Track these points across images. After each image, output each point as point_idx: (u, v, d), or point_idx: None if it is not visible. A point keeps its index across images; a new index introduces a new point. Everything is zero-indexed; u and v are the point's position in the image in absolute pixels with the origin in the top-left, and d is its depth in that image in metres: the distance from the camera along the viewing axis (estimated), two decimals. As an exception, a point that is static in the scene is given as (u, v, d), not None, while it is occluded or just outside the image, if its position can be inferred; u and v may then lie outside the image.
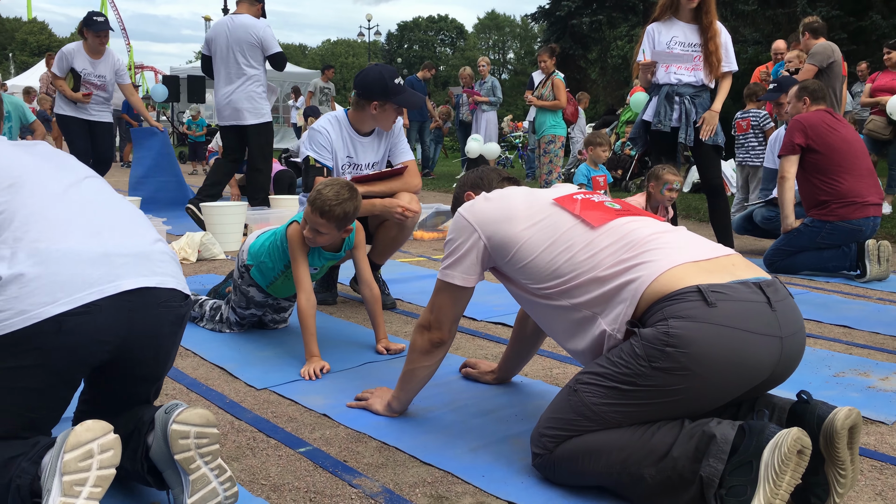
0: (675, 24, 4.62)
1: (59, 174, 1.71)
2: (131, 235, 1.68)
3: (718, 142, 4.66)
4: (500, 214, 1.94)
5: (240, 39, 5.43)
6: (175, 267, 1.72)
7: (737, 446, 1.51)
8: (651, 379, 1.60)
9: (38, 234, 1.54)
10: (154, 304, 1.61)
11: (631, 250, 1.74)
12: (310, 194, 2.65)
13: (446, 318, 2.02)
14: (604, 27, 21.82)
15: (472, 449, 1.96)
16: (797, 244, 4.51)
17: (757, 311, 1.61)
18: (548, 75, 7.87)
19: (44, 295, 1.46)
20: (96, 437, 1.40)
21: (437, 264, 4.76)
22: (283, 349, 2.86)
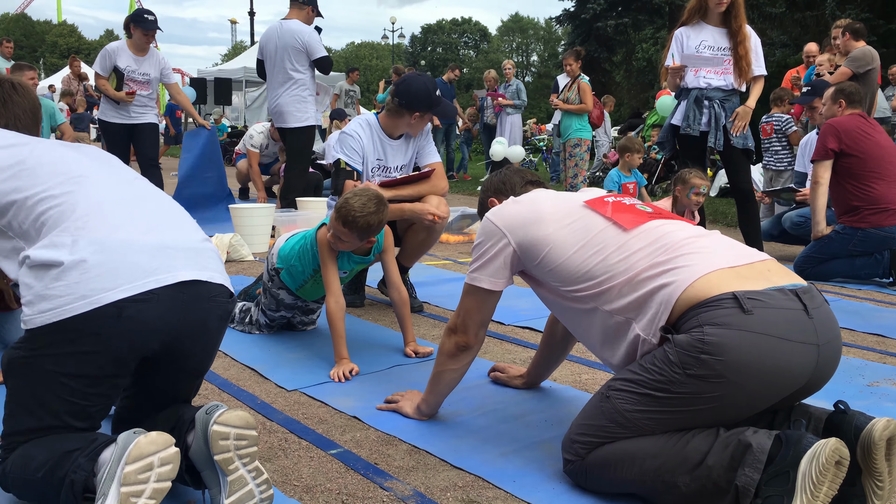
0: (705, 28, 4.59)
1: (112, 174, 1.79)
2: (182, 232, 1.74)
3: (749, 145, 4.61)
4: (529, 217, 1.93)
5: (286, 44, 5.56)
6: (220, 263, 1.77)
7: (773, 456, 1.50)
8: (685, 386, 1.59)
9: (98, 224, 1.59)
10: (206, 298, 1.66)
11: (665, 253, 1.73)
12: (338, 201, 2.67)
13: (473, 322, 2.02)
14: (629, 30, 21.72)
15: (503, 453, 1.96)
16: (828, 251, 4.45)
17: (794, 318, 1.60)
18: (573, 79, 7.84)
19: (105, 280, 1.51)
20: (158, 451, 1.43)
21: (463, 267, 4.76)
22: (313, 351, 2.87)
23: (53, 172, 1.67)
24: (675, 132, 4.76)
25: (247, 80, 18.15)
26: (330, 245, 2.72)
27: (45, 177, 1.66)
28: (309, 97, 5.73)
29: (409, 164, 3.57)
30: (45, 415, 1.54)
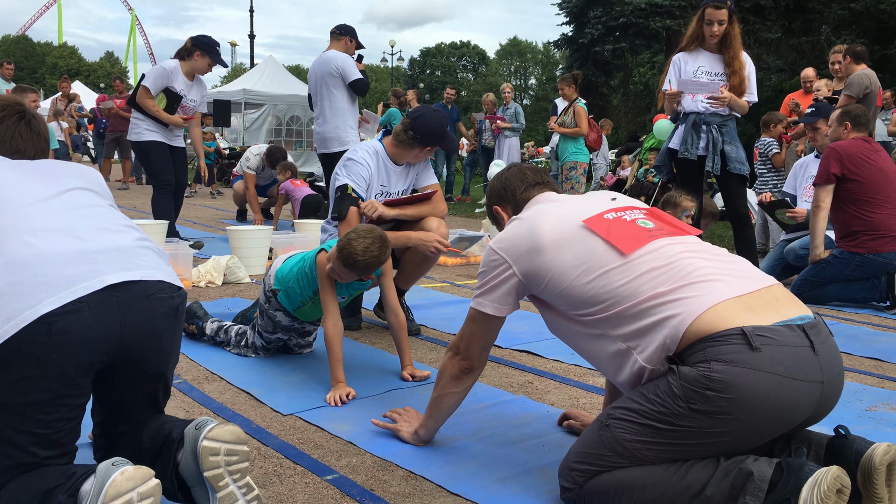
0: (702, 54, 4.64)
1: (43, 186, 1.71)
2: (111, 235, 1.66)
3: (743, 171, 4.63)
4: (529, 244, 1.90)
5: (324, 72, 5.74)
6: (159, 260, 1.69)
7: (774, 484, 1.48)
8: (688, 420, 1.57)
9: (12, 245, 1.52)
10: (143, 297, 1.58)
11: (671, 280, 1.69)
12: (340, 240, 2.66)
13: (476, 346, 2.00)
14: (626, 54, 21.87)
15: (501, 479, 1.94)
16: (825, 275, 4.45)
17: (801, 356, 1.57)
18: (570, 102, 7.90)
19: (26, 298, 1.45)
20: (136, 486, 1.37)
21: (461, 290, 4.75)
22: (309, 374, 2.86)
23: None
24: (673, 156, 4.78)
25: (246, 101, 18.23)
26: (327, 273, 2.72)
27: None
28: (350, 121, 5.81)
29: (409, 189, 3.60)
30: (10, 451, 1.48)
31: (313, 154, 17.46)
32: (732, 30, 4.53)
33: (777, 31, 16.29)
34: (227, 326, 3.19)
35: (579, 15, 21.48)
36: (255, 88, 18.62)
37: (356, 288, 2.92)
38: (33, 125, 1.93)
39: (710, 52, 4.63)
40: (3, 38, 64.79)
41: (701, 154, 4.62)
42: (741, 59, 4.56)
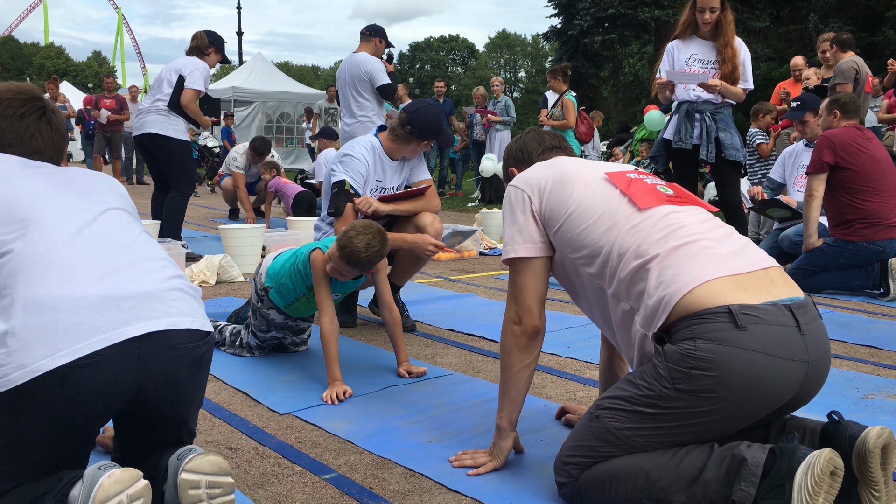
0: (695, 42, 4.64)
1: (79, 206, 1.64)
2: (142, 275, 1.58)
3: (738, 158, 4.63)
4: (554, 179, 1.88)
5: (353, 75, 5.76)
6: (191, 304, 1.62)
7: (768, 469, 1.49)
8: (675, 401, 1.57)
9: (36, 281, 1.46)
10: (165, 349, 1.52)
11: (672, 242, 1.68)
12: (340, 238, 2.65)
13: (532, 300, 1.88)
14: (615, 45, 21.88)
15: (499, 475, 1.94)
16: (819, 264, 4.46)
17: (785, 335, 1.58)
18: (560, 95, 7.91)
19: (43, 347, 1.39)
20: (125, 489, 1.34)
21: (455, 285, 4.74)
22: (305, 373, 2.85)
23: (5, 215, 1.54)
24: (668, 146, 4.78)
25: (235, 99, 18.17)
26: (325, 269, 2.71)
27: None
28: (376, 122, 5.84)
29: (403, 183, 3.60)
30: (12, 476, 1.45)
31: (304, 151, 17.43)
32: (725, 17, 4.52)
33: (765, 19, 16.33)
34: (221, 326, 3.18)
35: (568, 6, 21.49)
36: (244, 86, 18.56)
37: (350, 286, 2.91)
38: (53, 122, 1.83)
39: (704, 40, 4.62)
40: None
41: (695, 143, 4.62)
42: (734, 46, 4.55)
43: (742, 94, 4.63)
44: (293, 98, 19.26)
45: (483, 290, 4.59)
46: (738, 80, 4.57)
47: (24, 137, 1.77)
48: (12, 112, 1.76)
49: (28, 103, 1.79)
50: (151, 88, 5.53)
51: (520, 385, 1.94)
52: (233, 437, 2.22)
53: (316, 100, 15.13)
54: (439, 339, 3.40)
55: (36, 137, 1.78)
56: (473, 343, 3.32)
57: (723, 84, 4.50)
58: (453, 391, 2.64)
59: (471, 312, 3.88)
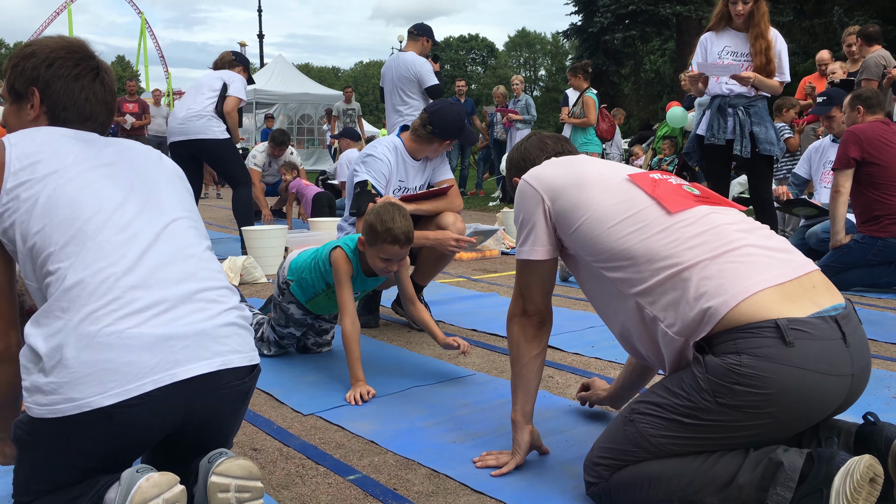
0: (728, 34, 4.54)
1: (139, 221, 1.57)
2: (199, 310, 1.53)
3: (774, 152, 4.52)
4: (569, 180, 1.83)
5: (401, 75, 5.77)
6: (243, 338, 1.60)
7: (805, 474, 1.45)
8: (715, 414, 1.53)
9: (94, 312, 1.42)
10: (214, 389, 1.52)
11: (712, 251, 1.61)
12: (367, 233, 2.64)
13: (538, 295, 1.89)
14: (636, 42, 21.75)
15: (524, 476, 1.92)
16: (847, 261, 4.38)
17: (833, 350, 1.52)
18: (580, 93, 7.86)
19: (93, 385, 1.39)
20: (162, 493, 1.34)
21: (477, 285, 4.73)
22: (328, 374, 2.85)
23: (64, 219, 1.49)
24: (701, 142, 4.69)
25: (257, 101, 18.30)
26: (349, 267, 2.72)
27: (53, 225, 1.49)
28: None
29: (426, 184, 3.61)
30: (49, 485, 1.48)
31: (325, 152, 17.51)
32: (759, 8, 4.41)
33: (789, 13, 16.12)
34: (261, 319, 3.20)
35: (588, 4, 21.37)
36: (265, 88, 18.69)
37: (371, 284, 2.90)
38: (106, 82, 1.72)
39: (737, 32, 4.52)
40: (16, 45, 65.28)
41: (729, 138, 4.52)
42: (768, 38, 4.43)
43: (778, 86, 4.51)
44: (314, 99, 19.36)
45: (505, 289, 4.57)
46: (773, 73, 4.44)
47: (78, 101, 1.67)
48: (66, 72, 1.66)
49: (82, 62, 1.69)
50: (189, 94, 5.54)
51: (530, 376, 1.93)
52: (257, 437, 2.23)
53: (336, 101, 15.19)
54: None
55: (91, 101, 1.69)
56: (496, 343, 3.30)
57: (756, 76, 4.39)
58: (477, 391, 2.62)
59: (493, 312, 3.86)
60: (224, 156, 5.55)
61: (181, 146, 5.40)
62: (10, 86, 1.69)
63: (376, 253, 2.65)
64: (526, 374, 1.93)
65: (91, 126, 1.71)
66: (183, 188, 1.76)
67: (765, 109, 4.58)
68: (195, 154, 5.44)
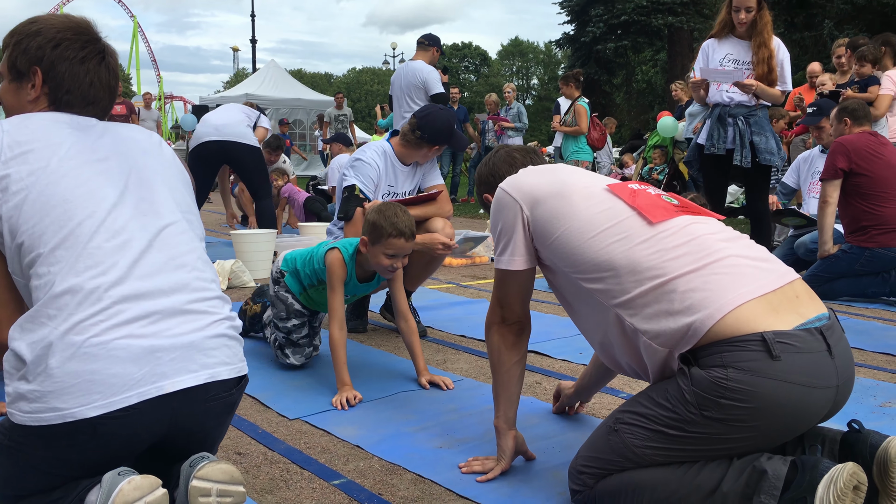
0: (730, 41, 4.52)
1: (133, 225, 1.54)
2: (189, 321, 1.51)
3: (774, 162, 4.47)
4: (550, 188, 1.81)
5: (409, 83, 5.87)
6: (232, 349, 1.57)
7: (789, 482, 1.45)
8: (701, 427, 1.53)
9: (81, 321, 1.39)
10: (200, 401, 1.50)
11: (696, 262, 1.61)
12: (370, 231, 2.62)
13: (517, 304, 1.89)
14: (628, 52, 21.87)
15: (510, 482, 1.92)
16: (835, 270, 4.40)
17: (818, 362, 1.52)
18: (572, 101, 7.89)
19: (79, 395, 1.36)
20: (143, 496, 1.33)
21: (466, 291, 4.72)
22: (314, 378, 2.83)
23: (55, 219, 1.46)
24: (702, 151, 4.67)
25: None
26: (344, 270, 2.70)
27: (44, 224, 1.45)
28: None
29: (416, 189, 3.60)
30: (28, 490, 1.46)
31: (316, 157, 17.48)
32: (762, 17, 4.38)
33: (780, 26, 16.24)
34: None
35: (581, 13, 21.50)
36: (257, 93, 18.67)
37: (362, 290, 2.89)
38: (111, 66, 1.69)
39: (740, 39, 4.49)
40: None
41: (729, 147, 4.49)
42: (770, 47, 4.40)
43: (780, 95, 4.48)
44: (306, 105, 19.36)
45: (495, 296, 4.56)
46: (774, 82, 4.42)
47: (82, 85, 1.63)
48: (73, 55, 1.62)
49: (89, 45, 1.65)
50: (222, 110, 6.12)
51: (512, 383, 1.93)
52: (241, 442, 2.21)
53: (329, 106, 15.20)
54: (450, 344, 3.38)
55: (94, 85, 1.65)
56: (484, 349, 3.29)
57: (758, 84, 4.35)
58: (464, 397, 2.61)
59: (482, 318, 3.80)
60: (254, 164, 5.92)
61: (211, 146, 5.75)
62: (10, 63, 1.64)
63: (381, 250, 2.63)
64: (508, 380, 1.93)
65: (92, 111, 1.67)
66: (180, 182, 1.72)
67: (765, 119, 4.53)
68: (223, 156, 5.78)
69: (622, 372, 1.83)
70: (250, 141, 5.77)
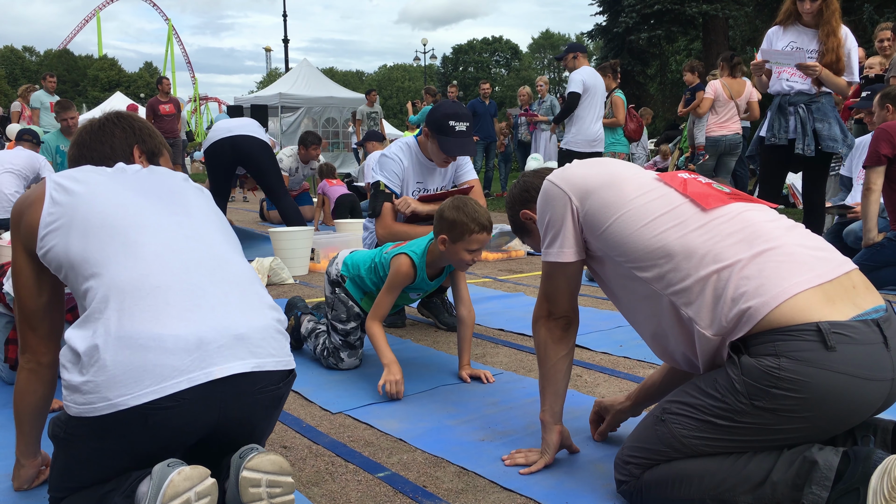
0: (796, 29, 4.40)
1: (170, 219, 1.65)
2: (233, 311, 1.55)
3: (838, 149, 4.34)
4: (600, 179, 1.80)
5: None
6: (279, 342, 1.60)
7: (841, 473, 1.43)
8: (750, 417, 1.51)
9: (130, 313, 1.45)
10: (249, 392, 1.52)
11: (751, 248, 1.58)
12: (450, 229, 2.57)
13: (564, 298, 1.88)
14: (662, 42, 21.56)
15: (554, 474, 1.91)
16: (880, 259, 4.31)
17: (874, 354, 1.49)
18: (609, 92, 7.82)
19: (128, 384, 1.40)
20: (193, 486, 1.36)
21: (503, 285, 4.72)
22: (355, 373, 2.86)
23: (98, 232, 1.55)
24: (763, 143, 4.57)
25: (282, 105, 18.42)
26: (411, 277, 2.68)
27: (88, 239, 1.55)
28: None
29: (448, 185, 3.58)
30: (83, 483, 1.51)
31: (350, 155, 17.59)
32: (829, 5, 4.26)
33: (818, 11, 15.89)
34: (318, 331, 3.04)
35: (613, 4, 21.25)
36: (290, 92, 18.81)
37: (433, 286, 2.86)
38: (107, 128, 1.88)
39: (806, 27, 4.37)
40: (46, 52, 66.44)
41: (791, 137, 4.37)
42: (839, 36, 4.27)
43: (846, 86, 4.34)
44: (338, 103, 19.46)
45: (531, 289, 4.55)
46: (842, 71, 4.29)
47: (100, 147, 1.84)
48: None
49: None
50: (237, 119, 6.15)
51: (558, 377, 1.92)
52: (287, 435, 2.24)
53: (361, 104, 15.26)
54: (489, 338, 3.38)
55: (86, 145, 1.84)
56: (524, 342, 3.29)
57: (824, 70, 4.21)
58: (504, 390, 2.61)
59: (520, 312, 3.85)
60: (268, 161, 5.84)
61: (224, 143, 5.64)
62: None
63: (463, 247, 2.59)
64: (554, 374, 1.92)
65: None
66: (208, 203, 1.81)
67: (829, 105, 4.38)
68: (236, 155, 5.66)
69: (676, 365, 1.80)
70: (263, 138, 5.77)
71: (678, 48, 25.16)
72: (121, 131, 1.87)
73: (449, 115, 3.28)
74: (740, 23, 20.99)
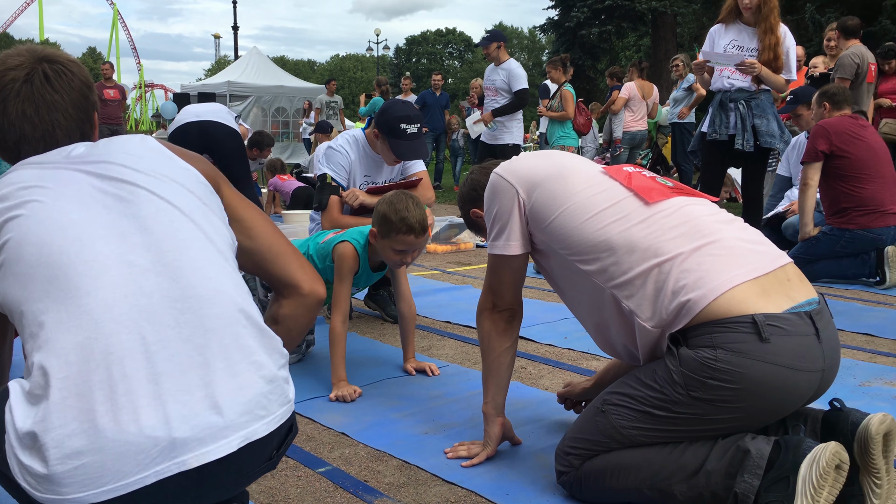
0: (737, 27, 4.47)
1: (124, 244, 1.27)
2: (210, 381, 1.22)
3: (775, 145, 4.44)
4: (548, 171, 1.81)
5: None
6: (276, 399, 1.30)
7: (772, 461, 1.47)
8: (687, 407, 1.54)
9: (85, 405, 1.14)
10: (232, 476, 1.27)
11: (691, 242, 1.61)
12: (380, 224, 2.52)
13: (509, 291, 1.89)
14: (612, 37, 21.83)
15: (496, 466, 1.92)
16: (815, 252, 4.44)
17: (806, 345, 1.54)
18: (559, 86, 7.88)
19: (89, 484, 1.14)
20: None
21: (451, 277, 4.73)
22: (301, 367, 2.83)
23: (34, 274, 1.21)
24: (704, 138, 4.64)
25: (231, 93, 18.09)
26: (356, 263, 2.63)
27: (26, 286, 1.22)
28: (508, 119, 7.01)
29: (396, 178, 3.56)
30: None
31: (300, 146, 17.40)
32: (768, 2, 4.33)
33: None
34: None
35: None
36: (239, 80, 18.50)
37: (375, 279, 2.83)
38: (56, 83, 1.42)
39: (746, 25, 4.44)
40: (-16, 35, 64.09)
41: (731, 132, 4.46)
42: (777, 34, 4.35)
43: (783, 83, 4.43)
44: (289, 92, 19.21)
45: (479, 282, 4.57)
46: (780, 69, 4.38)
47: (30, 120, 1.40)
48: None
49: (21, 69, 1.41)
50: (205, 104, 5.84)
51: (502, 369, 1.93)
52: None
53: (312, 94, 15.09)
54: (436, 330, 3.38)
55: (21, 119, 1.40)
56: (470, 335, 3.30)
57: (763, 68, 4.30)
58: (449, 383, 2.62)
59: (467, 304, 3.86)
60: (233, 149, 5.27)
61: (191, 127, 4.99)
62: None
63: (390, 245, 2.54)
64: (497, 366, 1.93)
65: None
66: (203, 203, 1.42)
67: (768, 102, 4.47)
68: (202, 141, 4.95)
69: (618, 356, 1.84)
70: (230, 123, 5.44)
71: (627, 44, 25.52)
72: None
73: (400, 119, 3.24)
74: (688, 20, 21.39)
